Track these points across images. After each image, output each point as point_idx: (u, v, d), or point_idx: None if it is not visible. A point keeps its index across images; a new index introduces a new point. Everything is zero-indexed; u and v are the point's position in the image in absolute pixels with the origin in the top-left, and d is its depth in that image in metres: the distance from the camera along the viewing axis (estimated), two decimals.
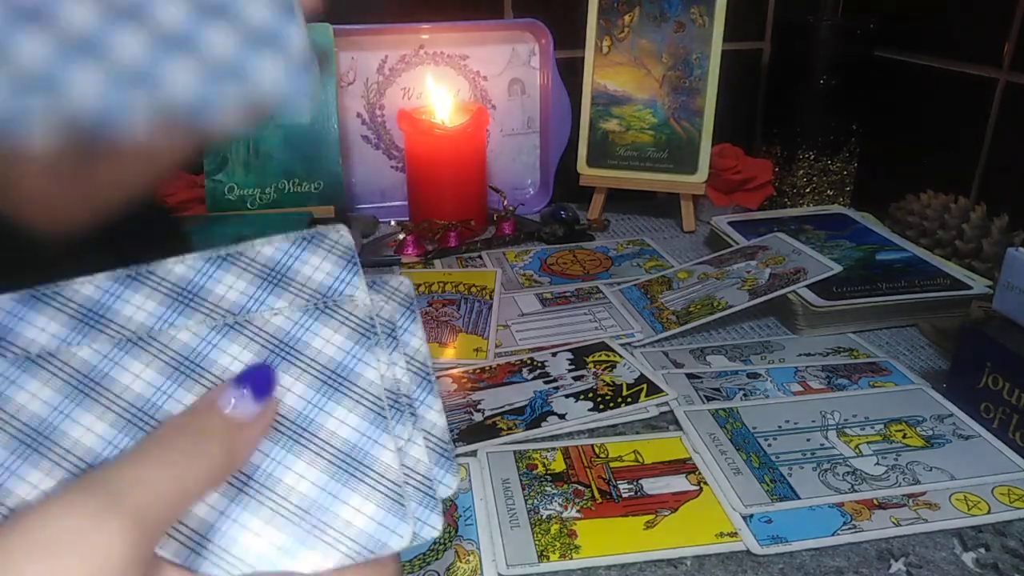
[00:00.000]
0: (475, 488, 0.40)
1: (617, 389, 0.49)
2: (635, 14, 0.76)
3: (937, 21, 0.76)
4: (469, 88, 0.82)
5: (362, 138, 0.83)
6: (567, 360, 0.53)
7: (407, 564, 0.35)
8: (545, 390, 0.49)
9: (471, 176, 0.77)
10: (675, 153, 0.77)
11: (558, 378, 0.51)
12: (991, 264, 0.63)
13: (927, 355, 0.55)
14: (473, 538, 0.37)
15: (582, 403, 0.48)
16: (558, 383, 0.50)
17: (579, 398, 0.48)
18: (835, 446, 0.44)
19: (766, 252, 0.64)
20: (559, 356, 0.53)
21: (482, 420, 0.47)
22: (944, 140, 0.77)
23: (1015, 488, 0.40)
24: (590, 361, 0.52)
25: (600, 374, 0.51)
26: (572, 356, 0.53)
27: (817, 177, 0.83)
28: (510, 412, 0.47)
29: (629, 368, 0.51)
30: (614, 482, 0.41)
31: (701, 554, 0.37)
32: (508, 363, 0.53)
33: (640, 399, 0.48)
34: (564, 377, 0.51)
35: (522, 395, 0.49)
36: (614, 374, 0.51)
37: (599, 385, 0.50)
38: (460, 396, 0.49)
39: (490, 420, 0.46)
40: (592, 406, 0.47)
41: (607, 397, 0.48)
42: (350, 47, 0.78)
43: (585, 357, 0.53)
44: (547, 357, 0.53)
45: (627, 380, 0.50)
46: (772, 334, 0.58)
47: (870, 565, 0.36)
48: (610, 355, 0.53)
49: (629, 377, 0.50)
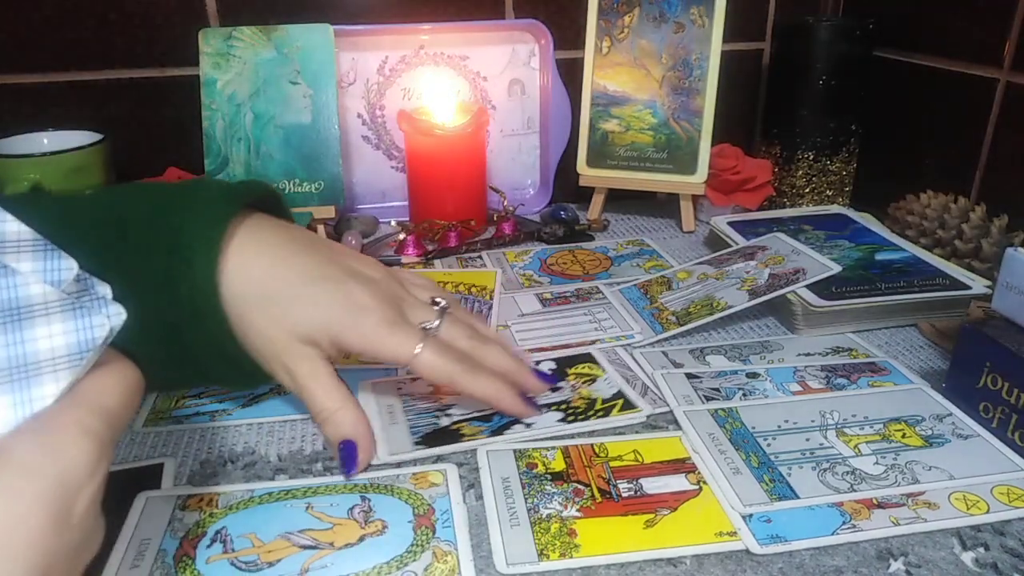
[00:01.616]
0: (452, 492, 0.40)
1: (591, 403, 0.48)
2: (635, 15, 0.76)
3: (937, 21, 0.76)
4: (469, 88, 0.83)
5: (362, 138, 0.83)
6: (548, 370, 0.52)
7: (384, 565, 0.35)
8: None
9: (471, 176, 0.77)
10: (675, 153, 0.77)
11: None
12: (991, 264, 0.63)
13: (926, 355, 0.55)
14: (451, 539, 0.37)
15: (552, 413, 0.47)
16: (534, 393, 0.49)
17: (550, 408, 0.48)
18: (834, 446, 0.44)
19: (765, 252, 0.64)
20: (542, 366, 0.53)
21: (448, 425, 0.46)
22: (944, 140, 0.77)
23: (1014, 488, 0.41)
24: (572, 372, 0.52)
25: (578, 387, 0.50)
26: (555, 366, 0.52)
27: (817, 177, 0.83)
28: (477, 419, 0.46)
29: (609, 383, 0.50)
30: (614, 481, 0.41)
31: (700, 553, 0.37)
32: None
33: (611, 414, 0.47)
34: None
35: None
36: (592, 388, 0.50)
37: (574, 397, 0.49)
38: (433, 400, 0.49)
39: (456, 425, 0.46)
40: (561, 417, 0.47)
41: (579, 410, 0.47)
42: (350, 47, 0.78)
43: (567, 368, 0.52)
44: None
45: (603, 395, 0.49)
46: (771, 334, 0.58)
47: (869, 564, 0.36)
48: (593, 368, 0.52)
49: (607, 392, 0.49)
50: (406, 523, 0.38)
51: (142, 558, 0.36)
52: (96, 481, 0.25)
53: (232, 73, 0.71)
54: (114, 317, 0.26)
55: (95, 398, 0.26)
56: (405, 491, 0.40)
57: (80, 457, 0.24)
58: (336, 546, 0.37)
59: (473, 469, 0.43)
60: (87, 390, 0.26)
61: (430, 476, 0.42)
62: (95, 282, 0.27)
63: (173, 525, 0.38)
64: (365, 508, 0.39)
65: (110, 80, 0.77)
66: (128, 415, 0.27)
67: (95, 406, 0.25)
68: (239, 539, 0.37)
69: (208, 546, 0.37)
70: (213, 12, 0.76)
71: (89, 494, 0.24)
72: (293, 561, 0.36)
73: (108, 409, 0.26)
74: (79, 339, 0.25)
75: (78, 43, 0.75)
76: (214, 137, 0.71)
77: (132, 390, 0.28)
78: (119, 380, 0.27)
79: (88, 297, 0.26)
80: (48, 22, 0.74)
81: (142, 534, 0.38)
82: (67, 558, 0.24)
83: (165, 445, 0.45)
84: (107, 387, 0.26)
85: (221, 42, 0.71)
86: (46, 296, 0.25)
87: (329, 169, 0.72)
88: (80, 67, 0.76)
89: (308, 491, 0.41)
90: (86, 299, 0.26)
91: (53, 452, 0.24)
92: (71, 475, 0.24)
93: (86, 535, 0.25)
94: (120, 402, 0.27)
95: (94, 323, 0.25)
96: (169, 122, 0.79)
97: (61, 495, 0.23)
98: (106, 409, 0.26)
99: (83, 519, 0.24)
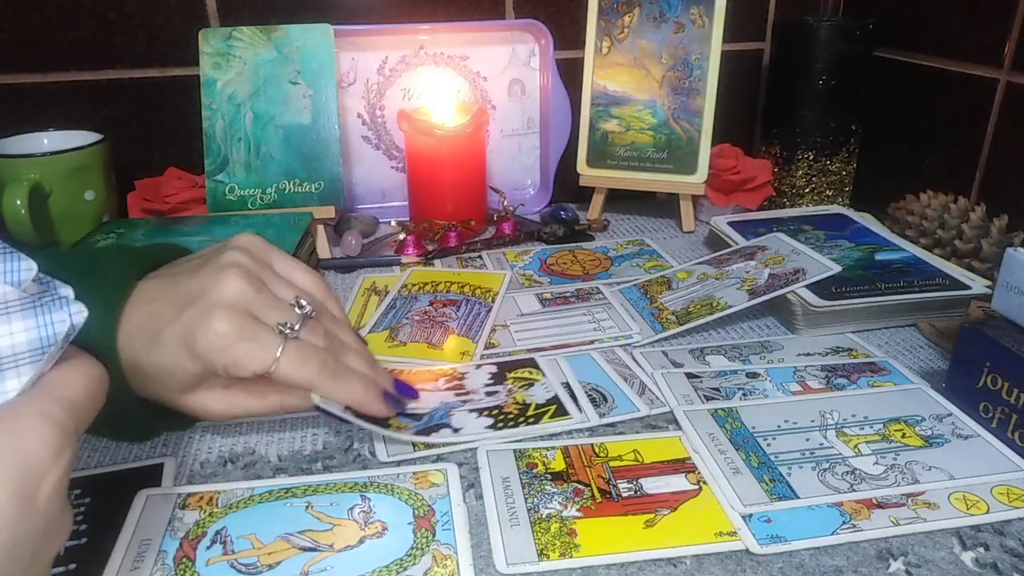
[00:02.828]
0: (452, 493, 0.40)
1: (524, 408, 0.47)
2: (635, 15, 0.76)
3: (937, 21, 0.76)
4: (469, 88, 0.83)
5: (362, 139, 0.83)
6: (488, 374, 0.51)
7: (384, 568, 0.35)
8: (452, 403, 0.48)
9: (471, 176, 0.77)
10: (675, 153, 0.77)
11: (471, 392, 0.49)
12: (990, 264, 0.63)
13: (926, 355, 0.55)
14: (451, 542, 0.37)
15: (482, 419, 0.46)
16: (469, 396, 0.49)
17: (481, 414, 0.47)
18: (834, 446, 0.44)
19: (765, 252, 0.64)
20: (482, 369, 0.52)
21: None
22: (944, 140, 0.77)
23: (1014, 488, 0.41)
24: (510, 376, 0.51)
25: (514, 391, 0.49)
26: (495, 370, 0.52)
27: (816, 177, 0.83)
28: (408, 415, 0.46)
29: (546, 388, 0.50)
30: (614, 481, 0.41)
31: (700, 553, 0.37)
32: (430, 370, 0.52)
33: (542, 420, 0.46)
34: (478, 392, 0.49)
35: (428, 404, 0.48)
36: (528, 392, 0.49)
37: (507, 403, 0.48)
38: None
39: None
40: (491, 423, 0.46)
41: (509, 415, 0.47)
42: (350, 47, 0.78)
43: (507, 372, 0.52)
44: (470, 368, 0.52)
45: (538, 400, 0.48)
46: (771, 334, 0.58)
47: (869, 564, 0.36)
48: (533, 372, 0.51)
49: (541, 397, 0.49)
50: (406, 525, 0.38)
51: (142, 559, 0.36)
52: (60, 467, 0.26)
53: (232, 73, 0.71)
54: (75, 315, 0.27)
55: (58, 390, 0.27)
56: (405, 491, 0.41)
57: (43, 443, 0.25)
58: (336, 548, 0.37)
59: (473, 469, 0.43)
60: (51, 383, 0.27)
61: (430, 476, 0.42)
62: (57, 284, 0.28)
63: (173, 525, 0.38)
64: (365, 508, 0.39)
65: (110, 80, 0.77)
66: (91, 408, 0.29)
67: (58, 397, 0.27)
68: (239, 540, 0.37)
69: (208, 547, 0.37)
70: (213, 12, 0.77)
71: (53, 480, 0.25)
72: (293, 563, 0.36)
73: (71, 401, 0.27)
74: (40, 335, 0.26)
75: (78, 43, 0.75)
76: (214, 137, 0.71)
77: (95, 384, 0.29)
78: (82, 374, 0.28)
79: (49, 297, 0.27)
80: (48, 22, 0.74)
81: (142, 534, 0.38)
82: (33, 542, 0.25)
83: (165, 445, 0.45)
84: (70, 381, 0.28)
85: (221, 42, 0.71)
86: (6, 296, 0.26)
87: (329, 169, 0.72)
88: (80, 67, 0.76)
89: (308, 489, 0.41)
90: (47, 298, 0.27)
91: (17, 438, 0.25)
92: (35, 460, 0.25)
93: (51, 520, 0.26)
94: (83, 395, 0.28)
95: (55, 320, 0.27)
96: (169, 122, 0.79)
97: (25, 479, 0.24)
98: (69, 401, 0.27)
99: (48, 504, 0.25)
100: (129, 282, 0.40)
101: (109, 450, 0.45)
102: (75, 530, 0.38)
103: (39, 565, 0.26)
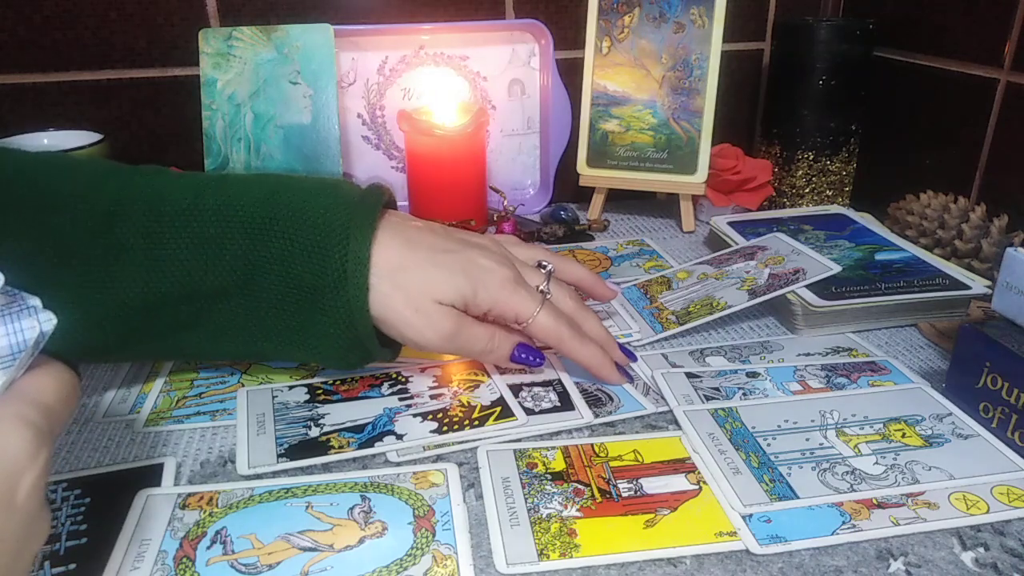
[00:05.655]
0: (452, 493, 0.40)
1: (469, 411, 0.47)
2: (635, 15, 0.76)
3: (937, 21, 0.76)
4: (469, 88, 0.83)
5: (362, 138, 0.83)
6: (432, 377, 0.51)
7: (384, 568, 0.35)
8: (396, 408, 0.47)
9: (471, 176, 0.77)
10: (675, 153, 0.77)
11: (415, 395, 0.49)
12: (990, 264, 0.63)
13: (926, 355, 0.55)
14: (451, 543, 0.37)
15: (427, 424, 0.46)
16: (413, 400, 0.48)
17: (426, 418, 0.46)
18: (834, 445, 0.44)
19: (765, 252, 0.64)
20: (427, 372, 0.52)
21: (317, 436, 0.45)
22: (944, 140, 0.77)
23: (1014, 488, 0.41)
24: (455, 379, 0.51)
25: (459, 393, 0.49)
26: (440, 372, 0.52)
27: (816, 177, 0.83)
28: (349, 429, 0.45)
29: (491, 389, 0.49)
30: (614, 481, 0.41)
31: (700, 553, 0.37)
32: (371, 376, 0.51)
33: (487, 423, 0.46)
34: (422, 395, 0.49)
35: (370, 412, 0.47)
36: (473, 394, 0.49)
37: (452, 406, 0.48)
38: (307, 410, 0.47)
39: (324, 436, 0.45)
40: (436, 427, 0.46)
41: (455, 419, 0.46)
42: (350, 47, 0.78)
43: (453, 374, 0.51)
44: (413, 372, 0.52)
45: (483, 402, 0.48)
46: (771, 334, 0.58)
47: (869, 564, 0.36)
48: (478, 374, 0.51)
49: (487, 399, 0.48)
50: (406, 525, 0.38)
51: (142, 559, 0.36)
52: (37, 467, 0.27)
53: (232, 73, 0.71)
54: (45, 323, 0.28)
55: (32, 394, 0.28)
56: (406, 491, 0.41)
57: (20, 444, 0.26)
58: (336, 548, 0.37)
59: (473, 469, 0.43)
60: (25, 388, 0.28)
61: (431, 476, 0.42)
62: (25, 295, 0.29)
63: (173, 524, 0.38)
64: (365, 508, 0.39)
65: (110, 80, 0.77)
66: (66, 412, 0.30)
67: (32, 400, 0.28)
68: (239, 540, 0.37)
69: (208, 547, 0.37)
70: (213, 12, 0.77)
71: (31, 479, 0.26)
72: (293, 563, 0.36)
73: (46, 404, 0.28)
74: (10, 342, 0.27)
75: (78, 43, 0.75)
76: (214, 137, 0.71)
77: (68, 389, 0.30)
78: (55, 379, 0.29)
79: (17, 307, 0.28)
80: (48, 22, 0.74)
81: (142, 534, 0.38)
82: (13, 541, 0.26)
83: (165, 445, 0.45)
84: (44, 385, 0.29)
85: (221, 42, 0.71)
86: None
87: (329, 169, 0.72)
88: (80, 67, 0.76)
89: (308, 489, 0.41)
90: (15, 308, 0.28)
91: None
92: (12, 461, 0.26)
93: (31, 520, 0.27)
94: (57, 399, 0.29)
95: (24, 327, 0.28)
96: (169, 122, 0.79)
97: (4, 480, 0.25)
98: (44, 404, 0.28)
99: (27, 503, 0.26)
100: (377, 213, 0.45)
101: (109, 450, 0.45)
102: (75, 530, 0.38)
103: (20, 564, 0.27)
